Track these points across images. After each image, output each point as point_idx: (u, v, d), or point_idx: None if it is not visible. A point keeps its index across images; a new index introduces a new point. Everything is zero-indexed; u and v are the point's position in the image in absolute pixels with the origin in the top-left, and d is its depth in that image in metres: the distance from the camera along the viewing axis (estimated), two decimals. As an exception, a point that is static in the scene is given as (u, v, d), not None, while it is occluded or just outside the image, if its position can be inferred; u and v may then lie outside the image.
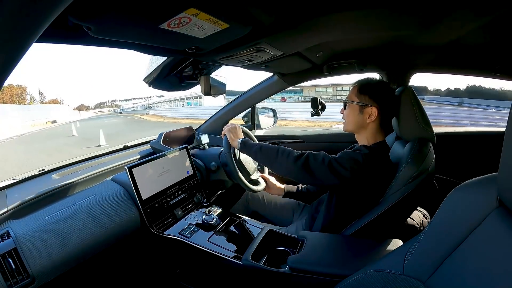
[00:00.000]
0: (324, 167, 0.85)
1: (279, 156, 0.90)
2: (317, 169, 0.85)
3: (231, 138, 1.05)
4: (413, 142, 0.88)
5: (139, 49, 0.74)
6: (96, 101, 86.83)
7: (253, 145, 0.98)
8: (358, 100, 0.95)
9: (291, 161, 0.87)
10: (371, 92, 0.94)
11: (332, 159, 0.86)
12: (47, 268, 0.68)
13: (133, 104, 60.36)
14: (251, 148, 0.98)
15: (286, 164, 0.89)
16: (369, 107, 0.93)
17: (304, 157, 0.87)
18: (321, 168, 0.85)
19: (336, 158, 0.87)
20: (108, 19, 0.49)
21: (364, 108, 0.94)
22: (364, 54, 1.22)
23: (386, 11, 0.69)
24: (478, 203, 0.43)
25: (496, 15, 0.68)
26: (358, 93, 0.95)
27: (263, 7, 0.60)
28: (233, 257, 0.87)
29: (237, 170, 1.10)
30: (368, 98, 0.94)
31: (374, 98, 0.93)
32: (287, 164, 0.88)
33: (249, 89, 1.61)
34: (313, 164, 0.85)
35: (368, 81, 0.97)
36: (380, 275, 0.50)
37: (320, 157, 0.87)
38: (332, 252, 0.81)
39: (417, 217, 1.01)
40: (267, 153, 0.94)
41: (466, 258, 0.41)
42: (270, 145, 0.96)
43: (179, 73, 1.05)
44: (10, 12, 0.22)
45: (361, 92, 0.95)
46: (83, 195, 0.91)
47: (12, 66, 0.27)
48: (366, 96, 0.94)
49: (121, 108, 59.23)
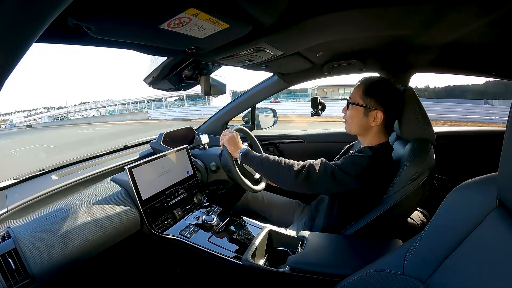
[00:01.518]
0: (327, 178, 0.83)
1: (281, 171, 0.87)
2: (320, 181, 0.83)
3: (231, 150, 1.01)
4: (413, 143, 0.88)
5: (139, 49, 0.74)
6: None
7: (254, 158, 0.94)
8: (363, 102, 0.90)
9: (292, 176, 0.85)
10: (378, 95, 0.89)
11: (335, 168, 0.83)
12: (47, 268, 0.68)
13: (25, 118, 44.09)
14: (252, 160, 0.95)
15: (288, 179, 0.86)
16: (375, 110, 0.89)
17: (305, 170, 0.84)
18: (324, 180, 0.83)
19: (339, 166, 0.84)
20: (108, 19, 0.49)
21: (369, 111, 0.90)
22: (364, 54, 1.22)
23: (386, 11, 0.69)
24: (478, 203, 0.43)
25: (496, 15, 0.68)
26: (364, 95, 0.90)
27: (263, 7, 0.60)
28: (233, 257, 0.87)
29: (237, 171, 1.10)
30: (374, 101, 0.89)
31: (381, 102, 0.89)
32: (289, 179, 0.86)
33: (249, 89, 1.61)
34: (315, 177, 0.83)
35: (374, 82, 0.92)
36: (380, 275, 0.50)
37: (321, 168, 0.84)
38: (332, 252, 0.81)
39: (417, 217, 1.01)
40: (269, 167, 0.91)
41: (466, 258, 0.41)
42: (271, 158, 0.92)
43: (179, 73, 1.04)
44: (10, 12, 0.22)
45: (367, 94, 0.90)
46: (83, 195, 0.91)
47: (12, 66, 0.27)
48: (372, 99, 0.89)
49: (8, 123, 42.05)
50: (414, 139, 0.90)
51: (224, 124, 1.67)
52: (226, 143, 1.02)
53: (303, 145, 1.61)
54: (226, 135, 1.05)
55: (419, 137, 0.90)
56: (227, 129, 1.10)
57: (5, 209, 0.81)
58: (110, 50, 17.98)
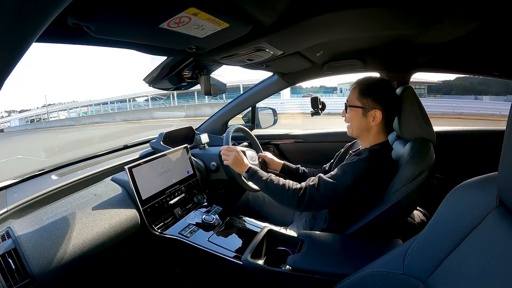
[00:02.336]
0: (329, 196, 0.84)
1: (285, 197, 0.89)
2: (323, 201, 0.85)
3: (237, 170, 1.03)
4: (413, 142, 0.88)
5: (139, 49, 0.74)
6: None
7: (260, 180, 0.95)
8: (360, 103, 0.90)
9: (296, 202, 0.87)
10: (374, 94, 0.89)
11: (335, 184, 0.84)
12: (47, 268, 0.68)
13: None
14: (257, 182, 0.96)
15: (292, 205, 0.88)
16: (373, 110, 0.89)
17: (308, 196, 0.85)
18: (326, 199, 0.85)
19: (338, 179, 0.84)
20: (108, 18, 0.49)
21: (367, 112, 0.89)
22: (364, 53, 1.22)
23: (386, 10, 0.69)
24: (478, 203, 0.43)
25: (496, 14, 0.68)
26: (360, 95, 0.90)
27: (263, 6, 0.60)
28: (233, 257, 0.87)
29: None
30: (371, 100, 0.89)
31: (378, 100, 0.89)
32: (293, 205, 0.88)
33: (249, 89, 1.61)
34: (318, 199, 0.85)
35: (369, 82, 0.92)
36: (380, 274, 0.50)
37: (322, 188, 0.85)
38: (332, 251, 0.81)
39: (417, 217, 1.01)
40: (273, 192, 0.92)
41: (466, 257, 0.41)
42: (275, 182, 0.92)
43: (179, 72, 1.04)
44: (9, 12, 0.22)
45: (363, 94, 0.90)
46: (83, 195, 0.91)
47: (12, 66, 0.27)
48: (369, 99, 0.89)
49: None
50: (414, 138, 0.90)
51: (224, 123, 1.67)
52: (231, 165, 1.03)
53: (303, 145, 1.61)
54: (229, 154, 1.05)
55: (419, 137, 0.90)
56: (227, 146, 1.09)
57: (5, 209, 0.81)
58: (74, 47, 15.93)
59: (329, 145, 1.54)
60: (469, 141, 1.37)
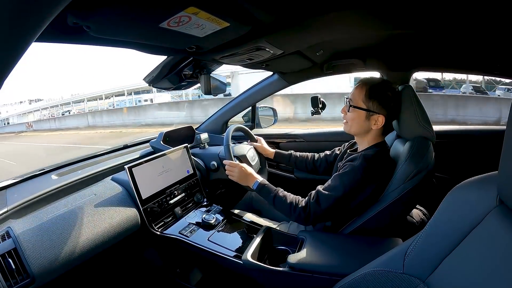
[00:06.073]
0: (332, 209, 0.86)
1: (292, 214, 0.90)
2: (327, 214, 0.87)
3: (245, 185, 1.02)
4: (412, 141, 0.88)
5: (139, 48, 0.74)
6: None
7: (268, 195, 0.95)
8: (365, 106, 0.88)
9: (302, 221, 0.89)
10: (381, 99, 0.87)
11: (337, 197, 0.84)
12: (47, 268, 0.68)
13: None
14: (265, 196, 0.96)
15: (300, 223, 0.94)
16: (377, 115, 0.87)
17: (312, 214, 0.86)
18: (330, 211, 0.86)
19: (339, 190, 0.84)
20: (107, 18, 0.49)
21: (371, 115, 0.88)
22: (364, 52, 1.22)
23: (386, 10, 0.69)
24: (478, 202, 0.43)
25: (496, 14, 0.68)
26: (366, 97, 0.87)
27: (263, 6, 0.60)
28: (233, 256, 0.87)
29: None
30: (377, 105, 0.87)
31: (384, 105, 0.87)
32: (301, 223, 0.93)
33: (250, 88, 1.61)
34: (322, 215, 0.87)
35: (376, 84, 0.89)
36: (380, 273, 0.50)
37: (323, 204, 0.85)
38: (332, 251, 0.81)
39: (417, 216, 1.01)
40: (280, 207, 0.93)
41: (466, 256, 0.41)
42: (282, 197, 0.92)
43: (179, 72, 1.04)
44: (9, 11, 0.22)
45: (370, 97, 0.87)
46: (83, 195, 0.91)
47: (11, 65, 0.27)
48: (375, 103, 0.87)
49: None
50: (413, 137, 0.90)
51: (224, 123, 1.67)
52: (237, 180, 1.03)
53: (303, 144, 1.61)
54: (233, 170, 1.03)
55: (419, 136, 0.90)
56: (230, 162, 1.05)
57: (5, 209, 0.81)
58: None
59: (329, 144, 1.54)
60: (469, 140, 1.37)
